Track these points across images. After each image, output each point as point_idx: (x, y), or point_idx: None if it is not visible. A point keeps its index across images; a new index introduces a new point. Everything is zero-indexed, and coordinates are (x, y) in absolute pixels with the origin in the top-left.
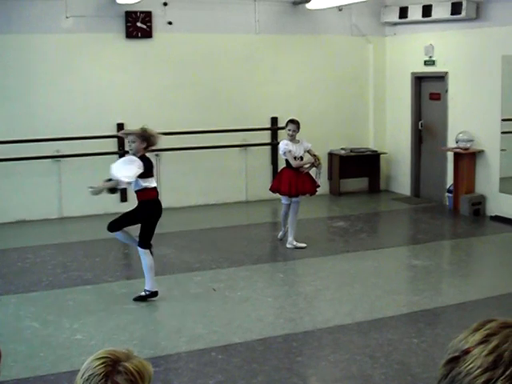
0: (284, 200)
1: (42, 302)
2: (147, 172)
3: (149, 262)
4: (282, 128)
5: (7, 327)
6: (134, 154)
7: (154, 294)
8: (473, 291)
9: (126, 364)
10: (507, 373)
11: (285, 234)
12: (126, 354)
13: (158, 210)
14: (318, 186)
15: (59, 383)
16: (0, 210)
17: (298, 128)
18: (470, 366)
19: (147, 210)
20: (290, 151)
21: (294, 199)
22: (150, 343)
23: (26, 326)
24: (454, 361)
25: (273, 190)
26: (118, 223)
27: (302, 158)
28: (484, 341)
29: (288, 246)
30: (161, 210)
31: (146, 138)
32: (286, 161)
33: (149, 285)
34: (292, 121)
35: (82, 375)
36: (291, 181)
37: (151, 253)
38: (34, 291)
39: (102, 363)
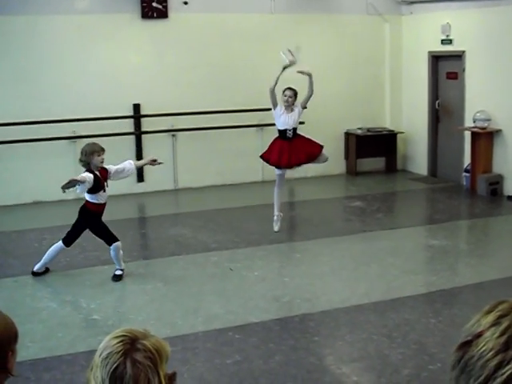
0: (276, 171)
1: (59, 283)
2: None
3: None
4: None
5: (24, 308)
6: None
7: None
8: (490, 271)
9: (145, 342)
10: None
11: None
12: (144, 333)
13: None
14: (322, 147)
15: (76, 363)
16: (17, 190)
17: (295, 95)
18: (483, 349)
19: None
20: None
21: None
22: (167, 323)
23: (43, 307)
24: (467, 345)
25: (263, 158)
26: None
27: (294, 130)
28: (496, 323)
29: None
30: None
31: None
32: (279, 131)
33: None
34: (290, 88)
35: (101, 354)
36: (282, 150)
37: None
38: (50, 272)
39: (121, 341)
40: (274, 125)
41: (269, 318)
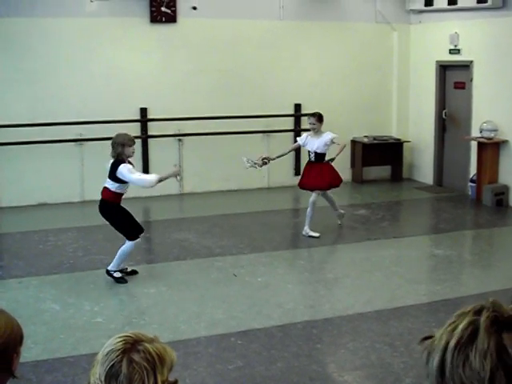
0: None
1: (62, 285)
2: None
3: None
4: (305, 115)
5: (28, 309)
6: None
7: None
8: (494, 282)
9: (147, 345)
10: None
11: (342, 215)
12: (151, 338)
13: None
14: (341, 181)
15: (78, 365)
16: (22, 192)
17: (320, 121)
18: (437, 336)
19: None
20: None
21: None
22: (169, 327)
23: (46, 308)
24: (427, 339)
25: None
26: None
27: (317, 156)
28: (452, 321)
29: (303, 233)
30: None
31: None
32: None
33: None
34: (313, 114)
35: (103, 351)
36: (304, 173)
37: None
38: (55, 274)
39: (123, 340)
40: (279, 131)
41: (271, 324)
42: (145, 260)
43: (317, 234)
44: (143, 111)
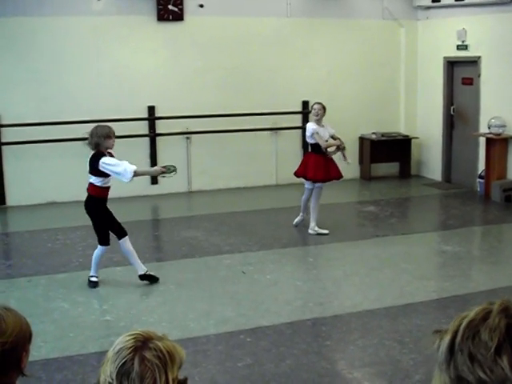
0: (308, 185)
1: (71, 283)
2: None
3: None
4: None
5: (37, 307)
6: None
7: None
8: (503, 278)
9: (158, 342)
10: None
11: (302, 221)
12: (160, 336)
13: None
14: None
15: (88, 364)
16: (31, 191)
17: (324, 110)
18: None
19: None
20: (317, 133)
21: (316, 184)
22: (178, 325)
23: (55, 307)
24: (439, 332)
25: (298, 175)
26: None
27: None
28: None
29: (310, 231)
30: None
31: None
32: (311, 146)
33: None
34: (318, 102)
35: (114, 348)
36: (318, 166)
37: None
38: (63, 272)
39: (134, 338)
40: (288, 128)
41: (280, 321)
42: (153, 258)
43: (326, 231)
44: (151, 109)
